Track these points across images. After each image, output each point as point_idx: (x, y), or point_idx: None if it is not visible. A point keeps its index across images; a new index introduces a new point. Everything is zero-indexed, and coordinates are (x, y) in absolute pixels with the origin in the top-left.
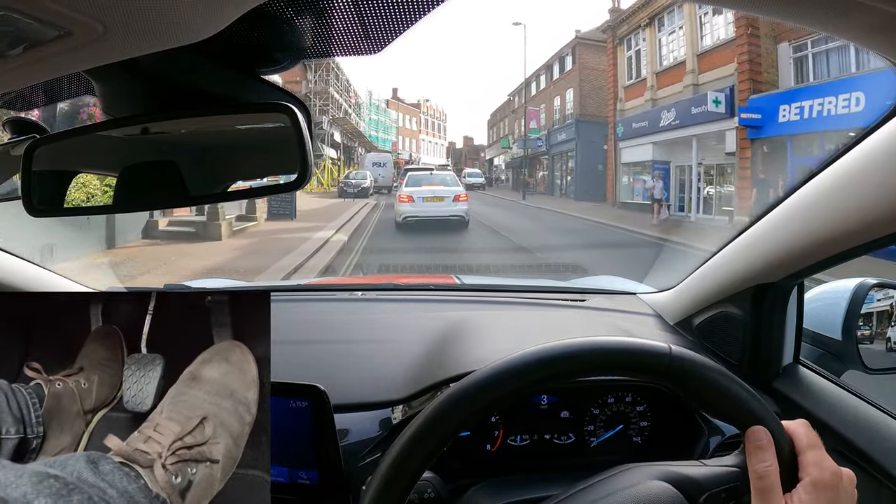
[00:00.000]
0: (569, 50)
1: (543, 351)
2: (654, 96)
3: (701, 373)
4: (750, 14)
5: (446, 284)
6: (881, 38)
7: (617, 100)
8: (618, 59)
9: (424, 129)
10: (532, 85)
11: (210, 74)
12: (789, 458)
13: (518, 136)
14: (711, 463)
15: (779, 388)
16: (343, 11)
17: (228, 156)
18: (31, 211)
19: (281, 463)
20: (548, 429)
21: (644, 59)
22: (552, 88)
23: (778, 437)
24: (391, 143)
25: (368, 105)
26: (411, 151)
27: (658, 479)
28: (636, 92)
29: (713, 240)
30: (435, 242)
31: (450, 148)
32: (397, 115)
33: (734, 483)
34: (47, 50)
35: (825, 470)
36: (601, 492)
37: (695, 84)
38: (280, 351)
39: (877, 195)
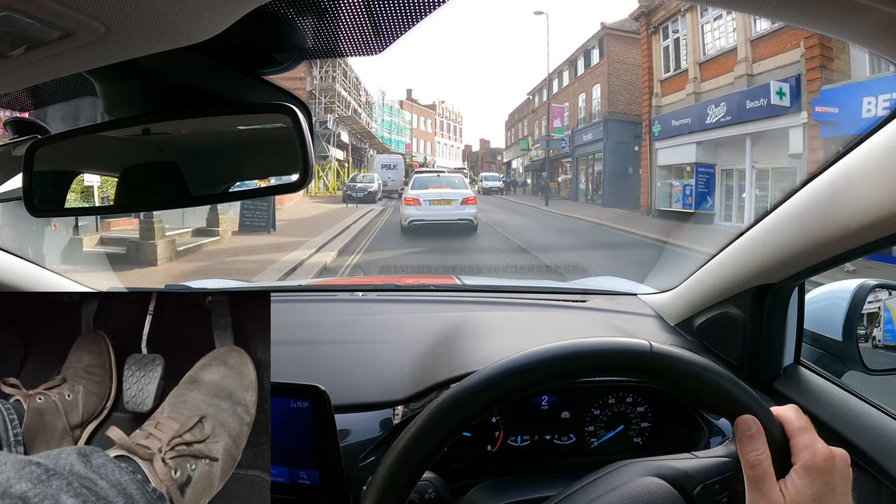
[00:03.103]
0: (595, 42)
1: (524, 357)
2: (698, 90)
3: (682, 366)
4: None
5: (447, 285)
6: (883, 39)
7: (652, 95)
8: (652, 49)
9: (439, 132)
10: (553, 83)
11: (211, 75)
12: (781, 444)
13: (538, 136)
14: (703, 455)
15: (779, 388)
16: (344, 12)
17: (230, 156)
18: (32, 211)
19: (281, 463)
20: (548, 429)
21: (684, 48)
22: (576, 85)
23: (767, 423)
24: (405, 145)
25: (381, 106)
26: (426, 154)
27: (651, 474)
28: (675, 85)
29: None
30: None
31: (466, 151)
32: (411, 117)
33: (727, 473)
34: (49, 51)
35: (817, 453)
36: (595, 491)
37: (749, 74)
38: (281, 351)
39: (877, 196)
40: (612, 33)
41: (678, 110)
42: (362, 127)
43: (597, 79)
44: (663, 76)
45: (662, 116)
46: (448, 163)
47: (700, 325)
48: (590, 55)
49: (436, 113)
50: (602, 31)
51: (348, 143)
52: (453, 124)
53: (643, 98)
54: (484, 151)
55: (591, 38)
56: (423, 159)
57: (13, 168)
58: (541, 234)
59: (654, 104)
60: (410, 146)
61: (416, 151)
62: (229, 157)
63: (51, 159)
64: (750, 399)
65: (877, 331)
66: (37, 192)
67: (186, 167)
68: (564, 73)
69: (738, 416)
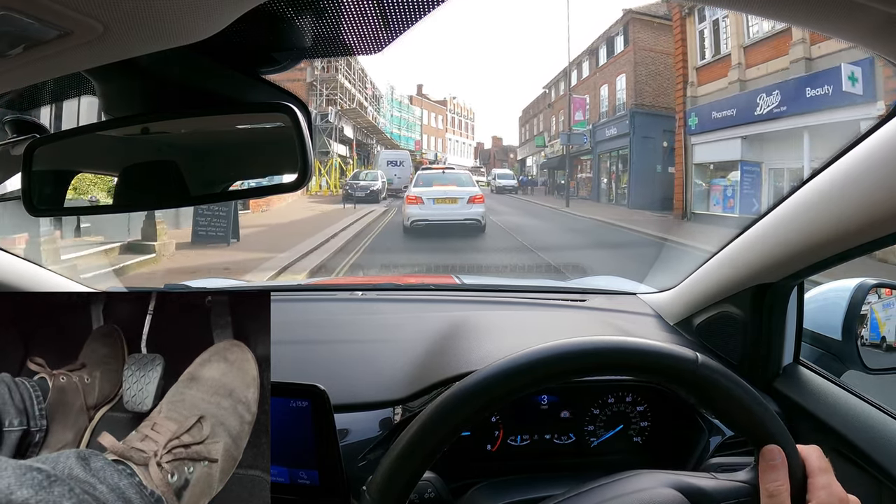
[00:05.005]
0: (619, 28)
1: (570, 345)
2: (743, 77)
3: (726, 386)
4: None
5: (447, 284)
6: (883, 39)
7: (687, 84)
8: (687, 33)
9: (451, 128)
10: (572, 75)
11: (210, 74)
12: (800, 480)
13: (555, 132)
14: (723, 477)
15: (779, 388)
16: (343, 10)
17: (229, 156)
18: (31, 211)
19: (281, 463)
20: (548, 429)
21: (725, 30)
22: (598, 76)
23: (791, 457)
24: (414, 141)
25: (390, 101)
26: (437, 151)
27: (670, 487)
28: (715, 73)
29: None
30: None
31: (478, 148)
32: (422, 113)
33: (744, 499)
34: (48, 50)
35: (833, 495)
36: (610, 493)
37: (807, 58)
38: (280, 351)
39: (876, 195)
40: (639, 18)
41: (720, 100)
42: (368, 121)
43: (621, 68)
44: (699, 63)
45: (700, 108)
46: (460, 160)
47: (699, 325)
48: (613, 43)
49: (447, 109)
50: (627, 15)
51: (352, 138)
52: (465, 121)
53: (676, 88)
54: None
55: (615, 25)
56: (434, 156)
57: (12, 167)
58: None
59: (690, 94)
60: (420, 143)
61: (427, 148)
62: (228, 156)
63: (50, 159)
64: (779, 431)
65: (864, 330)
66: (36, 191)
67: (185, 166)
68: (584, 63)
69: (764, 444)
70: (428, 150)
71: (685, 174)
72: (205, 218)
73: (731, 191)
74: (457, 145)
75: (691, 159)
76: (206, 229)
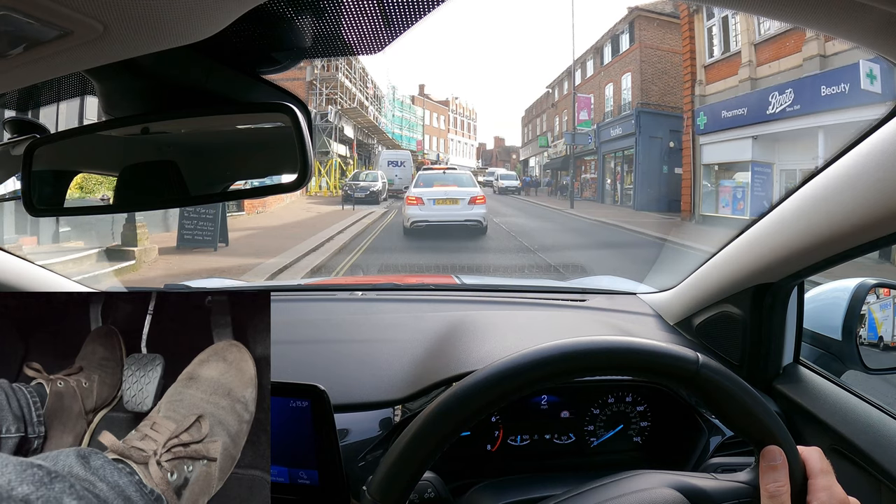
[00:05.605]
0: (624, 27)
1: (571, 345)
2: (754, 75)
3: (727, 387)
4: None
5: (446, 284)
6: (883, 39)
7: (695, 83)
8: (695, 30)
9: (453, 128)
10: (576, 74)
11: (210, 74)
12: (800, 481)
13: (559, 132)
14: (723, 478)
15: (779, 387)
16: (344, 10)
17: (229, 156)
18: (31, 211)
19: (281, 463)
20: (548, 429)
21: (734, 27)
22: (602, 75)
23: (792, 458)
24: (416, 141)
25: (392, 100)
26: (439, 151)
27: (671, 487)
28: (724, 71)
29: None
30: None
31: (480, 149)
32: (423, 113)
33: (744, 499)
34: (48, 50)
35: (834, 497)
36: (610, 493)
37: (821, 55)
38: (280, 351)
39: (876, 195)
40: (645, 16)
41: (730, 99)
42: (369, 121)
43: (627, 67)
44: (708, 61)
45: (709, 107)
46: (461, 160)
47: (699, 325)
48: (618, 41)
49: (449, 109)
50: (632, 13)
51: (353, 137)
52: (467, 121)
53: (685, 87)
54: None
55: (620, 23)
56: (437, 157)
57: (12, 168)
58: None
59: (698, 93)
60: (422, 143)
61: (429, 149)
62: (228, 156)
63: (49, 159)
64: (780, 431)
65: (862, 330)
66: (36, 191)
67: (185, 166)
68: (588, 62)
69: (765, 445)
70: (430, 150)
71: (693, 175)
72: (191, 221)
73: (741, 192)
74: (459, 146)
75: (700, 160)
76: (192, 233)
